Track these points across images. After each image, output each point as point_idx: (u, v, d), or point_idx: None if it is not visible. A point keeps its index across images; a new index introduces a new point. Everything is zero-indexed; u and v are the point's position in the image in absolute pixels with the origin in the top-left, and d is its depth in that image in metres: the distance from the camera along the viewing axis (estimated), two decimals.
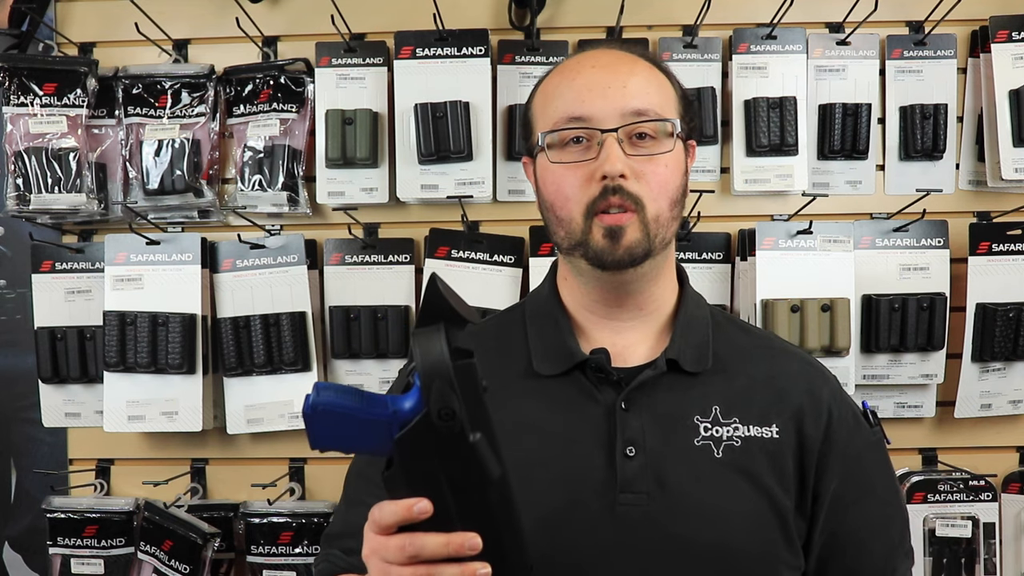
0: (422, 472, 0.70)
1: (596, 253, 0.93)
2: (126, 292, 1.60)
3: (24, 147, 1.61)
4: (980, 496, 1.60)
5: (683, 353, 0.97)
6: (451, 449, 0.69)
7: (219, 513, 1.66)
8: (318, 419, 0.70)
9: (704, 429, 0.94)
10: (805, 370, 1.01)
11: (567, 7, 1.68)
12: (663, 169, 0.93)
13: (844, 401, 1.02)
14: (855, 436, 0.99)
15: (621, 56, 0.99)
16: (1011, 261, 1.59)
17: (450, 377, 0.67)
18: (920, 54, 1.65)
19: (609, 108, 0.93)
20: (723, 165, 1.66)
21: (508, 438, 0.92)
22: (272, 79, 1.66)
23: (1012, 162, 1.59)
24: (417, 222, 1.69)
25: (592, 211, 0.92)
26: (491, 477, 0.70)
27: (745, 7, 1.66)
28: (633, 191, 0.91)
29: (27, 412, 1.73)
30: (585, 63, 0.98)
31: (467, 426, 0.68)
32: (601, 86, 0.94)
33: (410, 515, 0.70)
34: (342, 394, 0.71)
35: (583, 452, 0.93)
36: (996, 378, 1.61)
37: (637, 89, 0.94)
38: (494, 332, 1.07)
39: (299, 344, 1.60)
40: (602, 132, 0.92)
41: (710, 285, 1.64)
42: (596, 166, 0.92)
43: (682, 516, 0.91)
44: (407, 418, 0.69)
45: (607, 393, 0.95)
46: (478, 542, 0.70)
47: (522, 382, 0.98)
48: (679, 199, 0.96)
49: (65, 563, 1.64)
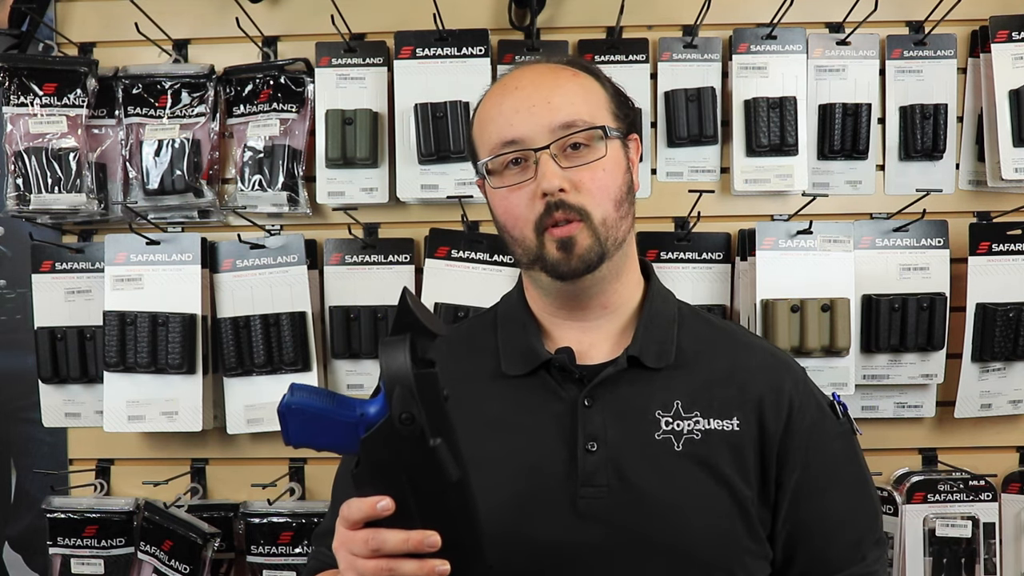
0: (385, 472, 0.75)
1: (552, 265, 0.97)
2: (126, 292, 1.60)
3: (24, 147, 1.61)
4: (980, 496, 1.60)
5: (645, 349, 1.00)
6: (412, 452, 0.73)
7: (219, 513, 1.66)
8: (291, 417, 0.76)
9: (665, 423, 0.97)
10: (767, 362, 1.03)
11: (567, 7, 1.68)
12: (601, 174, 0.97)
13: (808, 391, 1.03)
14: (819, 426, 1.01)
15: (543, 71, 1.02)
16: (1011, 261, 1.59)
17: (411, 385, 0.72)
18: (920, 54, 1.64)
19: (537, 127, 0.96)
20: (723, 165, 1.67)
21: (475, 436, 0.96)
22: (272, 79, 1.66)
23: (1012, 162, 1.59)
24: (417, 222, 1.69)
25: (541, 228, 0.96)
26: (450, 479, 0.75)
27: (745, 7, 1.66)
28: (575, 203, 0.95)
29: (27, 412, 1.73)
30: (510, 85, 1.01)
31: (427, 431, 0.73)
32: (527, 106, 0.97)
33: (374, 512, 0.75)
34: (314, 395, 0.77)
35: (546, 447, 0.96)
36: (996, 378, 1.61)
37: (562, 102, 0.97)
38: (467, 335, 1.12)
39: (299, 344, 1.60)
40: (535, 151, 0.96)
41: (710, 285, 1.64)
42: (536, 185, 0.95)
43: (641, 508, 0.93)
44: (372, 421, 0.74)
45: (570, 390, 0.98)
46: (437, 540, 0.75)
47: (490, 383, 1.02)
48: (624, 197, 0.99)
49: (65, 563, 1.65)
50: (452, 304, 1.59)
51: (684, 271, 1.64)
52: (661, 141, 1.66)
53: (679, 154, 1.66)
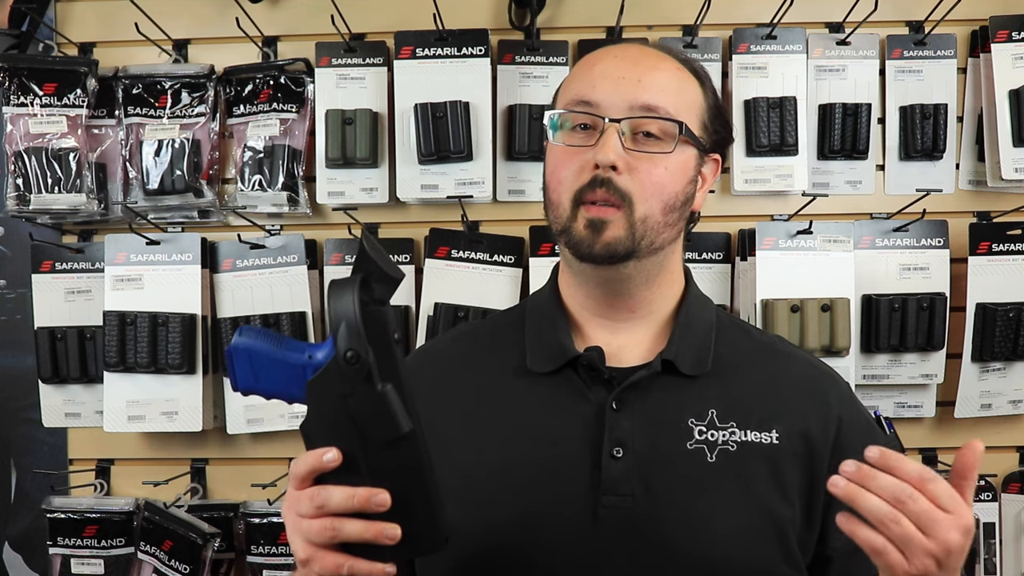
0: (332, 420, 0.70)
1: (576, 242, 0.91)
2: (126, 292, 1.60)
3: (24, 147, 1.61)
4: (980, 496, 1.60)
5: (681, 355, 0.94)
6: (359, 397, 0.69)
7: (219, 513, 1.66)
8: (238, 357, 0.73)
9: (699, 432, 0.91)
10: (810, 374, 0.99)
11: (567, 7, 1.68)
12: (661, 170, 0.91)
13: (855, 406, 0.99)
14: (869, 440, 0.92)
15: (648, 52, 0.97)
16: (1011, 261, 1.59)
17: (356, 322, 0.68)
18: (920, 54, 1.64)
19: (618, 98, 0.91)
20: (723, 165, 1.66)
21: (495, 435, 0.93)
22: (272, 79, 1.66)
23: (1012, 162, 1.59)
24: (417, 222, 1.69)
25: (579, 200, 0.91)
26: (400, 430, 0.70)
27: (745, 7, 1.66)
28: (622, 186, 0.89)
29: (27, 412, 1.73)
30: (609, 52, 0.96)
31: (375, 373, 0.69)
32: (615, 75, 0.92)
33: (320, 463, 0.71)
34: (263, 337, 0.73)
35: (569, 451, 0.90)
36: (996, 378, 1.61)
37: (652, 85, 0.92)
38: (491, 330, 1.06)
39: None
40: (607, 121, 0.90)
41: (710, 285, 1.64)
42: (592, 154, 0.90)
43: (666, 522, 0.88)
44: (320, 363, 0.70)
45: (598, 392, 0.92)
46: (386, 498, 0.70)
47: (514, 379, 0.96)
48: (677, 205, 0.93)
49: (65, 563, 1.64)
50: (452, 304, 1.59)
51: None
52: None
53: None
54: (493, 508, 0.90)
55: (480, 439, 0.94)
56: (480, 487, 0.91)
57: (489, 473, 0.92)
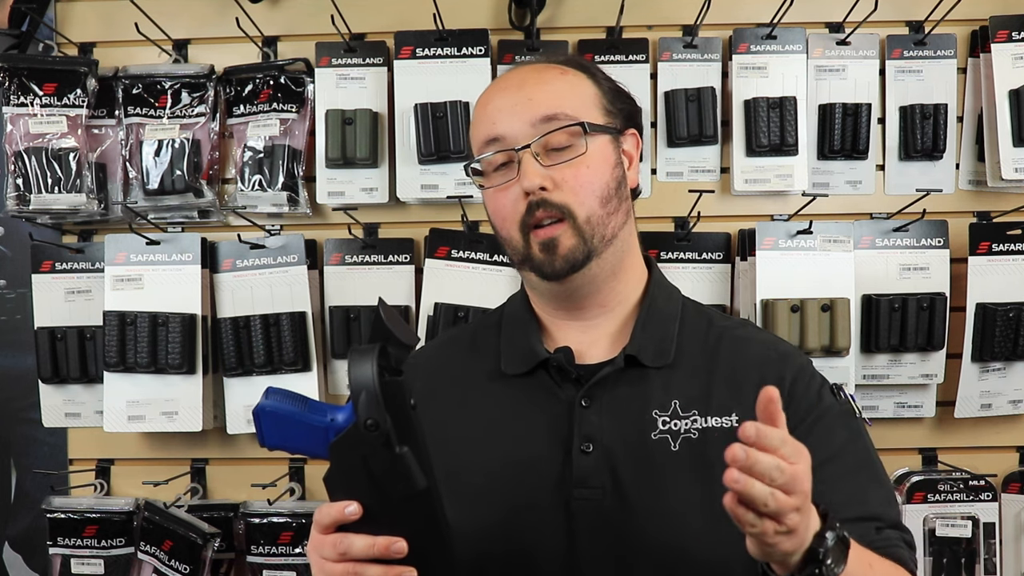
0: (353, 477, 0.77)
1: (538, 266, 0.98)
2: (126, 292, 1.60)
3: (24, 147, 1.61)
4: (980, 496, 1.60)
5: (643, 348, 0.99)
6: (377, 458, 0.75)
7: (219, 513, 1.66)
8: (265, 419, 0.78)
9: (663, 423, 0.95)
10: (767, 356, 1.01)
11: (567, 7, 1.68)
12: (585, 171, 0.96)
13: (809, 379, 1.00)
14: (817, 404, 0.97)
15: (530, 71, 1.02)
16: (1011, 261, 1.59)
17: (376, 392, 0.73)
18: (920, 54, 1.64)
19: (519, 124, 0.96)
20: (723, 165, 1.66)
21: (470, 437, 0.97)
22: (272, 79, 1.66)
23: (1012, 162, 1.59)
24: (417, 222, 1.69)
25: (526, 228, 0.96)
26: (416, 488, 0.76)
27: (745, 7, 1.66)
28: (557, 201, 0.95)
29: (27, 412, 1.73)
30: (496, 86, 1.03)
31: (393, 438, 0.74)
32: (509, 104, 0.98)
33: (342, 516, 0.77)
34: (288, 399, 0.79)
35: (542, 448, 0.95)
36: (996, 378, 1.61)
37: (543, 98, 0.97)
38: (472, 334, 1.12)
39: (299, 344, 1.59)
40: (516, 151, 0.96)
41: (710, 285, 1.64)
42: (518, 185, 0.95)
43: (634, 512, 0.92)
44: (341, 427, 0.76)
45: (568, 390, 0.97)
46: (403, 546, 0.76)
47: (489, 383, 1.02)
48: (612, 193, 0.98)
49: (65, 563, 1.64)
50: (452, 304, 1.59)
51: (684, 271, 1.64)
52: (661, 141, 1.66)
53: (679, 154, 1.66)
54: (476, 510, 0.93)
55: (460, 443, 0.98)
56: (464, 491, 0.94)
57: (471, 476, 0.96)
